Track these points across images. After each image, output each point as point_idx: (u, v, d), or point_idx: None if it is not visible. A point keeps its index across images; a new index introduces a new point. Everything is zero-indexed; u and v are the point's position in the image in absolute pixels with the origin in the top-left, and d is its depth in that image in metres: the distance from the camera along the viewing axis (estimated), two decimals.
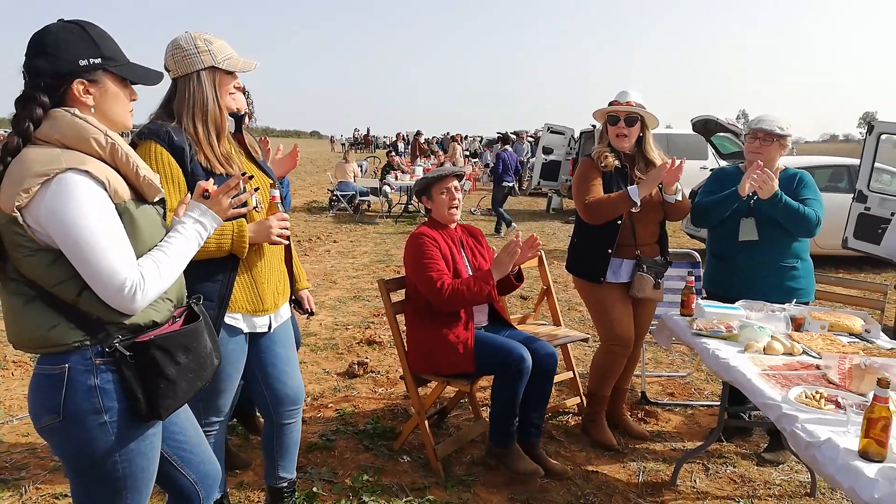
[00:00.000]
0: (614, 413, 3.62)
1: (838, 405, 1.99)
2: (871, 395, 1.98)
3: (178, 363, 1.60)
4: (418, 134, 25.22)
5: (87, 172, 1.48)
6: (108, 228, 1.49)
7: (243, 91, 2.97)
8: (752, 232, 3.26)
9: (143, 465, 1.64)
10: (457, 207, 3.10)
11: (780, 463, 3.31)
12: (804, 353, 2.53)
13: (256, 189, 2.10)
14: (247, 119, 3.01)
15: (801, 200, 3.19)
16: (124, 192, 1.55)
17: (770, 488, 3.10)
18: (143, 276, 1.52)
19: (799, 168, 3.42)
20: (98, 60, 1.56)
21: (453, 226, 3.17)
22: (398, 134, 32.80)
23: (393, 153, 15.70)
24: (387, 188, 13.03)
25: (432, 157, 19.49)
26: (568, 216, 13.50)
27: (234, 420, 3.41)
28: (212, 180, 1.85)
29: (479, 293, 2.86)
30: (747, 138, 3.36)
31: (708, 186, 3.50)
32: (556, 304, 3.96)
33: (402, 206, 13.55)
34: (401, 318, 3.26)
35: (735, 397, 3.48)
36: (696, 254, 4.40)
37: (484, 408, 3.74)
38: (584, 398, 3.82)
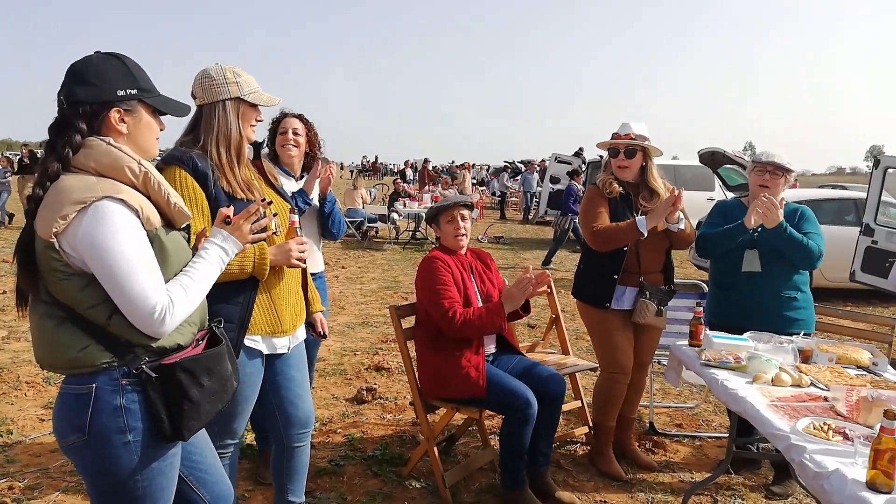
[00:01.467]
0: (622, 443, 3.63)
1: (846, 436, 2.01)
2: (878, 427, 2.02)
3: (202, 385, 1.65)
4: (426, 161, 25.43)
5: (122, 201, 1.54)
6: (140, 255, 1.55)
7: (303, 120, 3.15)
8: (755, 263, 3.31)
9: (163, 485, 1.68)
10: (464, 236, 3.16)
11: (788, 495, 3.30)
12: (812, 384, 2.55)
13: (275, 214, 2.16)
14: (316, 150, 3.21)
15: (803, 234, 3.24)
16: (156, 219, 1.62)
17: None
18: (172, 301, 1.58)
19: (806, 200, 3.48)
20: (134, 91, 1.65)
21: (463, 251, 3.22)
22: (407, 161, 33.10)
23: (400, 180, 15.88)
24: (395, 215, 13.14)
25: (440, 184, 19.64)
26: (575, 245, 13.55)
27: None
28: (232, 207, 1.92)
29: (490, 325, 2.91)
30: (754, 171, 3.43)
31: (711, 219, 3.55)
32: (564, 333, 3.99)
33: (410, 233, 13.65)
34: (411, 344, 3.31)
35: (743, 429, 3.48)
36: (704, 285, 4.43)
37: (492, 436, 3.75)
38: (591, 427, 3.83)
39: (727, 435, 4.07)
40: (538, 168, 21.70)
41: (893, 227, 6.62)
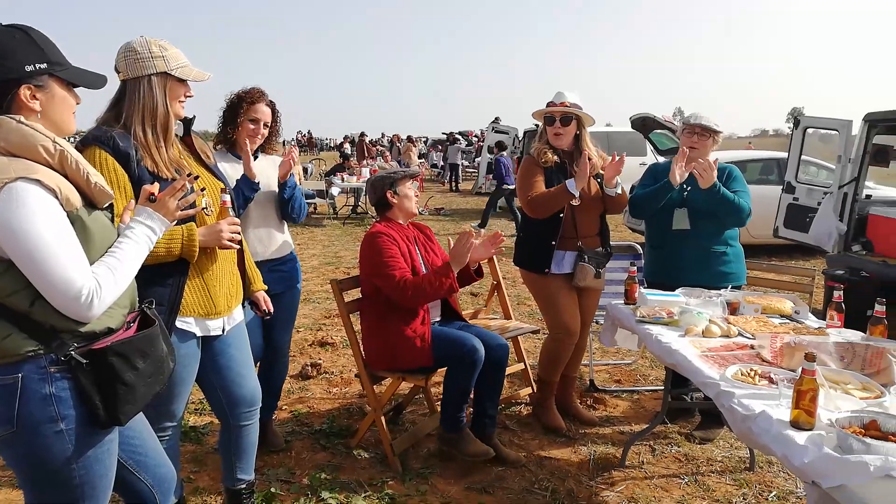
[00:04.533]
0: (564, 400, 3.74)
1: (771, 380, 2.13)
2: (800, 370, 2.14)
3: (136, 368, 1.61)
4: (362, 135, 25.11)
5: (37, 181, 1.46)
6: (61, 238, 1.48)
7: (267, 103, 2.99)
8: (685, 221, 3.44)
9: (100, 472, 1.63)
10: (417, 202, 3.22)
11: (710, 440, 3.49)
12: (739, 334, 2.69)
13: (203, 189, 2.10)
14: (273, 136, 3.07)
15: (733, 192, 3.37)
16: (76, 199, 1.55)
17: (712, 465, 3.27)
18: (100, 284, 1.52)
19: (733, 162, 3.62)
20: (44, 65, 1.55)
21: (406, 223, 3.22)
22: (346, 136, 32.52)
23: (349, 155, 15.68)
24: (333, 190, 12.95)
25: (379, 157, 19.44)
26: (509, 215, 13.69)
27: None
28: (157, 184, 1.85)
29: (440, 287, 2.93)
30: (684, 133, 3.54)
31: (645, 181, 3.66)
32: (506, 299, 4.05)
33: (350, 208, 13.50)
34: (354, 319, 3.30)
35: (677, 381, 3.65)
36: (638, 246, 4.57)
37: (438, 402, 3.80)
38: (535, 387, 3.93)
39: (662, 388, 4.27)
40: (476, 139, 21.76)
41: (813, 185, 6.96)
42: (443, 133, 30.50)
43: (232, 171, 2.88)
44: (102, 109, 2.14)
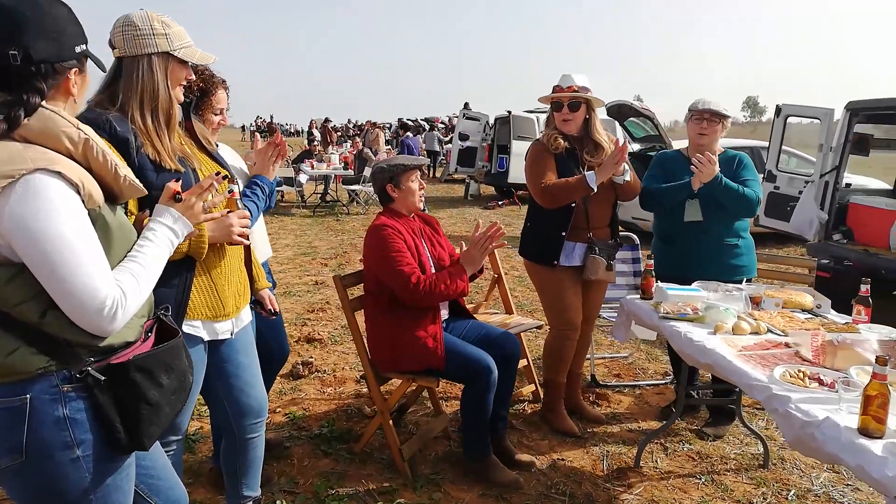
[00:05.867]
0: (571, 398, 3.62)
1: (821, 382, 2.03)
2: (850, 370, 2.05)
3: (161, 385, 1.41)
4: (326, 121, 24.64)
5: (59, 174, 1.25)
6: (85, 240, 1.27)
7: (225, 87, 2.69)
8: (697, 213, 3.33)
9: (119, 501, 1.43)
10: (422, 196, 3.01)
11: (720, 436, 3.42)
12: (769, 331, 2.59)
13: (231, 191, 1.89)
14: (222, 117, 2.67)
15: (742, 181, 3.28)
16: (98, 196, 1.34)
17: (726, 462, 3.20)
18: (124, 293, 1.32)
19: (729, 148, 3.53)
20: (85, 46, 1.38)
21: (412, 215, 3.04)
22: (312, 121, 31.82)
23: (316, 142, 15.32)
24: (301, 178, 12.60)
25: (347, 143, 19.06)
26: (486, 202, 13.59)
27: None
28: (181, 181, 1.64)
29: (454, 289, 2.76)
30: (692, 120, 3.42)
31: (652, 171, 3.54)
32: (507, 293, 3.91)
33: (319, 196, 13.17)
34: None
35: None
36: (635, 236, 4.47)
37: (442, 401, 3.65)
38: (538, 385, 3.81)
39: (664, 382, 4.20)
40: (442, 125, 21.54)
41: (794, 173, 6.99)
42: (408, 120, 30.20)
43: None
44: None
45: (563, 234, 3.22)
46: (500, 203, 13.23)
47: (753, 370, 2.16)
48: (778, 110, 6.79)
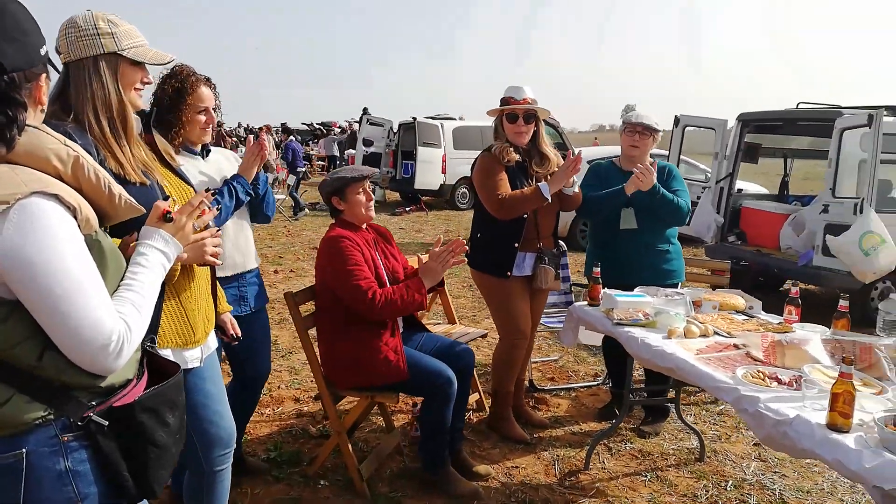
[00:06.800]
0: (515, 405, 3.67)
1: (780, 381, 2.17)
2: (803, 368, 2.21)
3: (168, 425, 1.29)
4: (219, 124, 23.65)
5: (55, 197, 1.11)
6: (86, 270, 1.14)
7: (209, 84, 2.49)
8: (632, 220, 3.49)
9: None
10: (372, 207, 2.93)
11: (657, 433, 3.60)
12: (715, 333, 2.74)
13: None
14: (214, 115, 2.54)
15: (673, 191, 3.47)
16: (95, 220, 1.20)
17: (667, 458, 3.36)
18: (129, 327, 1.19)
19: (605, 157, 3.74)
20: (46, 48, 1.21)
21: (364, 226, 2.96)
22: (219, 123, 30.38)
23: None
24: None
25: (241, 148, 18.36)
26: (393, 208, 13.55)
27: None
28: (170, 200, 1.51)
29: (412, 303, 2.71)
30: (625, 132, 3.59)
31: (588, 181, 3.66)
32: (450, 302, 3.91)
33: None
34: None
35: (619, 377, 3.72)
36: (563, 243, 4.59)
37: (393, 415, 3.59)
38: (482, 394, 3.83)
39: (596, 383, 4.35)
40: (339, 129, 21.28)
41: (692, 180, 7.47)
42: (304, 124, 29.60)
43: (192, 169, 2.44)
44: None
45: (516, 244, 3.26)
46: (407, 209, 13.23)
47: (716, 372, 2.28)
48: (677, 121, 7.24)
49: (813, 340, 2.39)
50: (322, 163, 21.80)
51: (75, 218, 1.16)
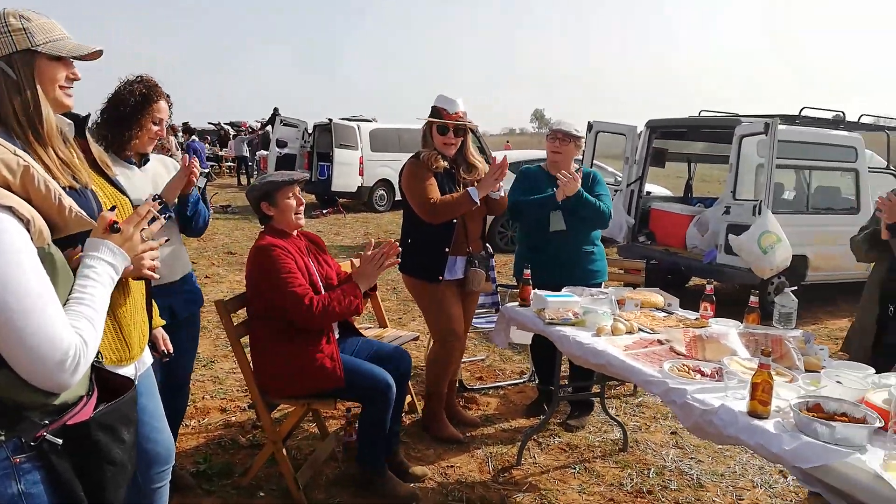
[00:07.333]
0: (448, 405, 3.72)
1: (703, 373, 2.32)
2: (725, 361, 2.37)
3: (124, 441, 1.25)
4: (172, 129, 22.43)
5: (9, 209, 1.05)
6: (42, 283, 1.08)
7: (169, 103, 2.42)
8: (561, 223, 3.62)
9: None
10: (302, 213, 2.88)
11: (583, 426, 3.75)
12: (640, 330, 2.90)
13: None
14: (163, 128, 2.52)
15: (596, 196, 3.63)
16: (47, 233, 1.14)
17: (593, 450, 3.51)
18: (85, 341, 1.14)
19: (524, 160, 3.90)
20: None
21: (295, 233, 2.92)
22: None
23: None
24: None
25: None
26: (310, 211, 13.31)
27: None
28: (115, 210, 1.45)
29: (348, 307, 2.70)
30: (548, 138, 3.73)
31: (517, 185, 3.77)
32: (381, 306, 3.91)
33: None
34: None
35: (546, 374, 3.86)
36: (488, 245, 4.69)
37: (327, 421, 3.55)
38: (414, 396, 3.86)
39: (523, 381, 4.48)
40: (250, 130, 20.67)
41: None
42: (211, 123, 28.54)
43: (126, 181, 2.34)
44: None
45: (447, 249, 3.32)
46: (324, 212, 13.05)
47: (645, 367, 2.42)
48: (590, 126, 7.53)
49: (730, 334, 2.57)
50: (232, 164, 21.13)
51: (28, 230, 1.10)
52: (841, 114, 6.81)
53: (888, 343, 2.82)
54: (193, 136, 13.55)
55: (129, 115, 2.45)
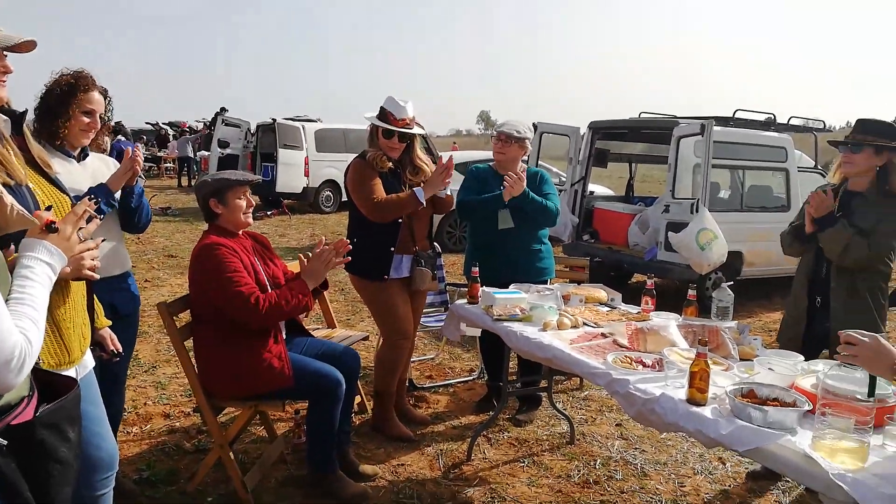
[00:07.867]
0: (397, 404, 3.73)
1: (644, 364, 2.41)
2: (665, 352, 2.46)
3: (69, 440, 1.24)
4: (117, 131, 21.52)
5: None
6: None
7: (102, 91, 2.35)
8: (509, 221, 3.68)
9: None
10: (251, 213, 2.86)
11: (531, 421, 3.82)
12: (584, 324, 2.97)
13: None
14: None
15: (544, 195, 3.70)
16: None
17: (541, 444, 3.57)
18: (29, 341, 1.11)
19: (472, 160, 3.97)
20: None
21: (241, 233, 2.88)
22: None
23: None
24: None
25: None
26: (254, 212, 13.05)
27: None
28: (52, 210, 1.41)
29: (297, 305, 2.68)
30: (493, 139, 3.79)
31: (467, 184, 3.82)
32: (329, 306, 3.89)
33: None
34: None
35: (495, 370, 3.91)
36: (438, 245, 4.72)
37: (275, 423, 3.50)
38: (363, 396, 3.85)
39: (472, 378, 4.52)
40: (188, 131, 20.18)
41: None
42: (148, 123, 27.69)
43: (65, 173, 2.26)
44: None
45: (392, 248, 3.33)
46: (269, 213, 12.85)
47: (589, 359, 2.48)
48: (534, 127, 7.65)
49: (670, 326, 2.66)
50: (171, 165, 20.56)
51: None
52: (772, 116, 7.13)
53: (815, 332, 2.98)
54: (119, 136, 12.83)
55: (56, 105, 2.41)
